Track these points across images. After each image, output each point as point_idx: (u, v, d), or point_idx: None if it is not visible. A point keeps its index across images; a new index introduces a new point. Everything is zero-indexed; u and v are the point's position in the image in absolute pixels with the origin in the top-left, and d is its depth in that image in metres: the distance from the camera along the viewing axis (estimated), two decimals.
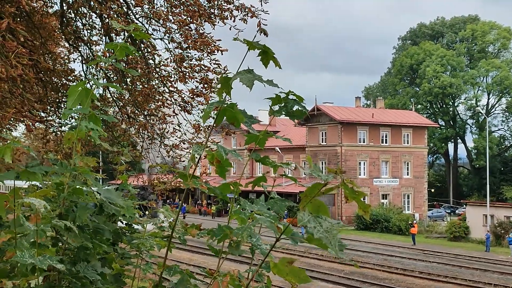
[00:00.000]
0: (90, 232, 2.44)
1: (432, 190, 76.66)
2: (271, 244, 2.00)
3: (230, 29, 9.71)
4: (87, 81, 10.26)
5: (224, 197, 2.20)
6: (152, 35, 10.14)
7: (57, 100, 11.48)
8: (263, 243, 2.11)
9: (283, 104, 1.98)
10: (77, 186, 2.34)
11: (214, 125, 2.09)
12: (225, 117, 2.04)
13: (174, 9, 9.92)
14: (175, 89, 10.71)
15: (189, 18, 9.64)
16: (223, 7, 9.87)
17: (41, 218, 2.05)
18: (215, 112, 2.05)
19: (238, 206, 2.16)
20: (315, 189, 1.76)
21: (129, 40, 8.76)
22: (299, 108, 1.97)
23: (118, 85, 10.85)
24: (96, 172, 2.76)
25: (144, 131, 11.47)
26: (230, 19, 9.85)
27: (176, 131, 11.37)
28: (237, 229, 2.10)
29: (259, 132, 2.10)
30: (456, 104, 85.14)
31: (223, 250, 2.29)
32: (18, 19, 9.01)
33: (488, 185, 50.42)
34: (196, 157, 2.12)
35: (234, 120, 2.01)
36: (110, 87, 10.09)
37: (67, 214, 2.28)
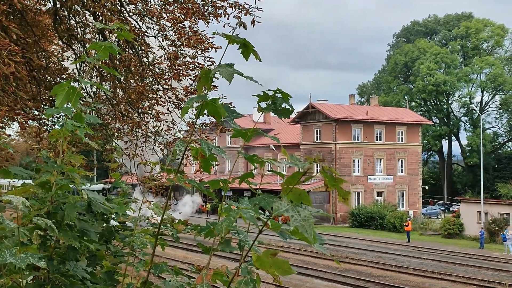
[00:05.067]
0: (78, 230, 2.44)
1: (427, 187, 76.88)
2: (259, 240, 2.00)
3: (224, 26, 9.73)
4: (72, 80, 10.23)
5: (210, 193, 2.20)
6: (145, 33, 10.13)
7: (51, 98, 11.42)
8: (250, 239, 2.11)
9: (271, 102, 1.97)
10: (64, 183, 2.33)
11: (196, 120, 2.09)
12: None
13: (167, 6, 9.91)
14: (169, 86, 10.70)
15: (182, 16, 9.63)
16: (216, 4, 9.88)
17: (23, 216, 2.05)
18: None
19: (227, 205, 2.16)
20: (295, 178, 1.74)
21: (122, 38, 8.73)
22: (287, 106, 1.96)
23: (111, 83, 10.82)
24: (88, 170, 2.76)
25: (138, 129, 11.45)
26: (224, 16, 9.86)
27: (170, 129, 11.37)
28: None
29: (248, 129, 2.09)
30: (450, 101, 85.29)
31: (213, 247, 2.30)
32: (11, 17, 8.98)
33: (482, 182, 50.56)
34: (179, 153, 2.12)
35: (215, 114, 1.98)
36: (102, 84, 10.06)
37: (55, 212, 2.28)
